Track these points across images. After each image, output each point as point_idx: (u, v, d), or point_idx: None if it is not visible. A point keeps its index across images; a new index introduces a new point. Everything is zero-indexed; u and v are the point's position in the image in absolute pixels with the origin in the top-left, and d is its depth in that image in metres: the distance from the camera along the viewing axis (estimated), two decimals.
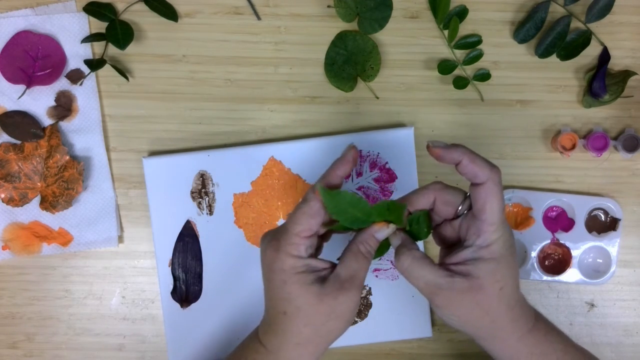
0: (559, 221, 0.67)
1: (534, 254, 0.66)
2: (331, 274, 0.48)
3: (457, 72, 0.66)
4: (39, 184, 0.66)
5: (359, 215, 0.47)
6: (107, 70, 0.65)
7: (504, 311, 0.47)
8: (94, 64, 0.65)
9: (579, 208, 0.66)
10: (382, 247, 0.50)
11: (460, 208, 0.48)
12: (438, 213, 0.50)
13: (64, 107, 0.66)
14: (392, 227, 0.49)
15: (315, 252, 0.51)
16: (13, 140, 0.66)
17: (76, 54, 0.66)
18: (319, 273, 0.48)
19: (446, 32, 0.65)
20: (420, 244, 0.66)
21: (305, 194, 0.48)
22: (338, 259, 0.49)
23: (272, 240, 0.48)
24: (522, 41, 0.66)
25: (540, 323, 0.49)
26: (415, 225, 0.50)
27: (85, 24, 0.66)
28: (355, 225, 0.48)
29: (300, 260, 0.47)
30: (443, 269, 0.47)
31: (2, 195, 0.65)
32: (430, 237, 0.53)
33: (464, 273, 0.46)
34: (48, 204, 0.65)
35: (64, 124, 0.67)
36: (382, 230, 0.48)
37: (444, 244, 0.52)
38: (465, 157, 0.46)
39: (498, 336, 0.48)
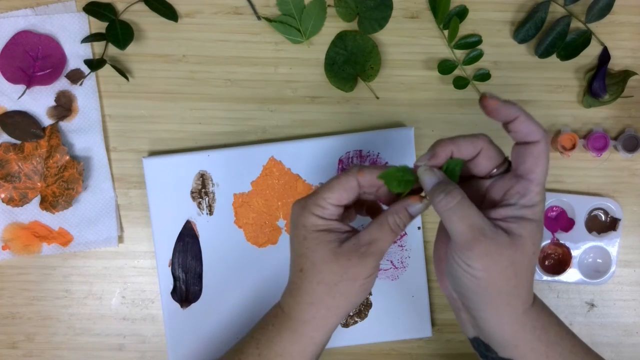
0: (559, 221, 0.67)
1: None
2: (352, 237, 0.48)
3: (457, 72, 0.66)
4: (39, 184, 0.66)
5: (408, 178, 0.47)
6: (107, 70, 0.65)
7: (528, 277, 0.46)
8: (94, 64, 0.65)
9: (579, 208, 0.66)
10: (406, 183, 0.47)
11: (495, 170, 0.47)
12: (474, 167, 0.48)
13: (64, 107, 0.66)
14: (425, 202, 0.47)
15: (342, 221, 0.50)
16: (13, 140, 0.66)
17: (76, 54, 0.66)
18: (339, 234, 0.48)
19: (446, 32, 0.65)
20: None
21: (349, 169, 0.49)
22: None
23: (301, 200, 0.49)
24: (522, 41, 0.66)
25: (536, 297, 0.49)
26: (449, 171, 0.47)
27: (85, 24, 0.66)
28: (403, 187, 0.47)
29: (321, 220, 0.48)
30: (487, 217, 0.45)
31: (2, 195, 0.65)
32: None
33: (506, 229, 0.44)
34: (48, 204, 0.65)
35: (64, 124, 0.67)
36: (415, 205, 0.47)
37: None
38: (522, 114, 0.44)
39: (511, 304, 0.46)
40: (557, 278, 0.66)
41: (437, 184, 0.45)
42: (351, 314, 0.66)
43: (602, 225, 0.67)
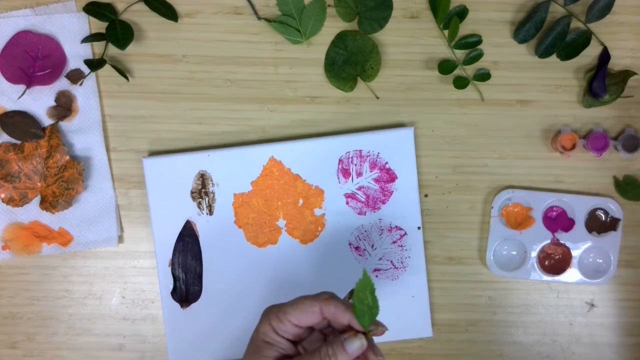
0: (559, 221, 0.67)
1: (534, 254, 0.66)
2: None
3: (457, 72, 0.66)
4: (39, 184, 0.66)
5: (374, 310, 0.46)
6: (107, 70, 0.65)
7: None
8: (94, 64, 0.65)
9: (579, 208, 0.66)
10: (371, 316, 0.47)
11: None
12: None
13: (64, 107, 0.66)
14: (362, 341, 0.46)
15: (301, 340, 0.50)
16: (13, 140, 0.66)
17: (76, 54, 0.66)
18: (282, 352, 0.48)
19: (446, 32, 0.65)
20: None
21: (321, 293, 0.49)
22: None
23: (272, 307, 0.49)
24: (522, 41, 0.66)
25: None
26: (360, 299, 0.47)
27: (85, 24, 0.66)
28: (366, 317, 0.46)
29: (272, 333, 0.48)
30: None
31: (2, 195, 0.65)
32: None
33: None
34: (48, 204, 0.65)
35: (64, 124, 0.67)
36: (351, 340, 0.46)
37: None
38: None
39: None
40: (557, 278, 0.66)
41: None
42: None
43: (602, 225, 0.67)
